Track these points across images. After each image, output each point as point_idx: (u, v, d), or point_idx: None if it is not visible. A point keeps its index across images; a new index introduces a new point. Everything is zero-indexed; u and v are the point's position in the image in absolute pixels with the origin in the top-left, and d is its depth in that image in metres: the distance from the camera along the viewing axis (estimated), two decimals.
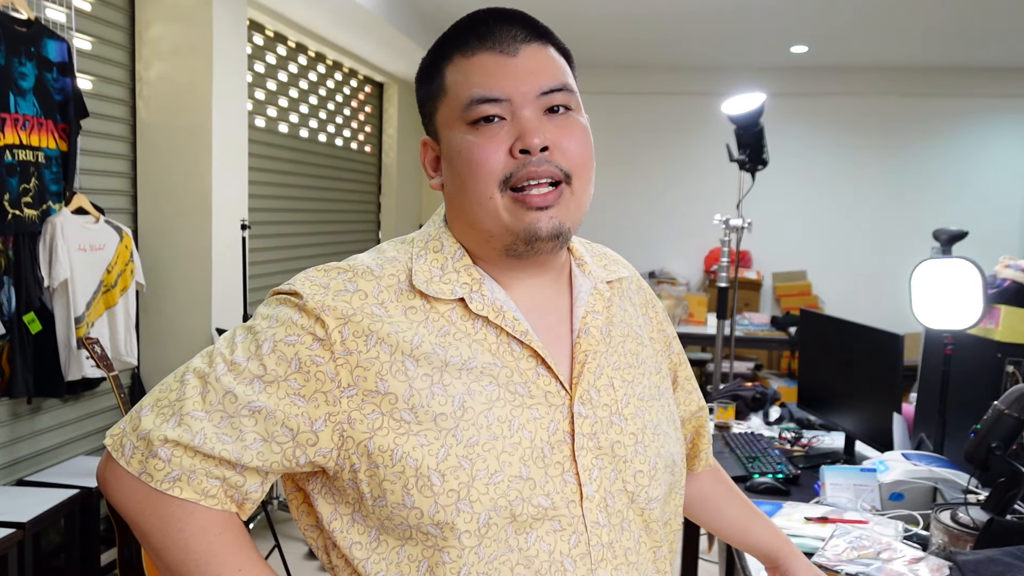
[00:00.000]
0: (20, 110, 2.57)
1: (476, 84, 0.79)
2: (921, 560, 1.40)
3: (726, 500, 1.14)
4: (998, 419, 1.42)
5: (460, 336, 0.81)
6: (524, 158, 0.78)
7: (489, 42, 0.80)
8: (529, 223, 0.79)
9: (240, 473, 0.77)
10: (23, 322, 2.61)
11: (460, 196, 0.82)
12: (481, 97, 0.79)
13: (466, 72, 0.80)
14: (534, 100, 0.80)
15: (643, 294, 1.01)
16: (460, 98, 0.80)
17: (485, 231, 0.82)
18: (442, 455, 0.76)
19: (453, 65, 0.82)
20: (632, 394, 0.88)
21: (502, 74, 0.79)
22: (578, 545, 0.80)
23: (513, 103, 0.79)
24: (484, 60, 0.80)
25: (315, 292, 0.79)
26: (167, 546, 0.77)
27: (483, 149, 0.79)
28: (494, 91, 0.79)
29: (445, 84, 0.83)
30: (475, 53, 0.81)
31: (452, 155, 0.82)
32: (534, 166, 0.78)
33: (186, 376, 0.79)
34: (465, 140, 0.80)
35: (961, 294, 1.93)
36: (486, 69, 0.80)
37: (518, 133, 0.79)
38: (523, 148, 0.78)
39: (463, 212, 0.83)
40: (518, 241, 0.80)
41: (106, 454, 0.80)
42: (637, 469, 0.85)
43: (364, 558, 0.79)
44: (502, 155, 0.79)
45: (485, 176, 0.79)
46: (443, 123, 0.84)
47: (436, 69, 0.84)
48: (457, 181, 0.82)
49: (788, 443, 2.42)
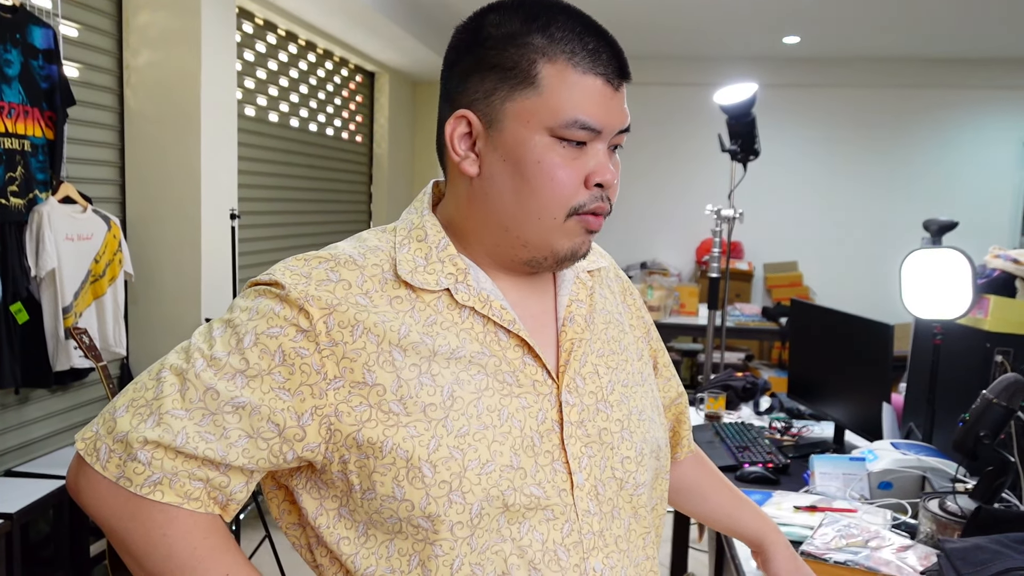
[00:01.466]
0: (5, 98, 2.54)
1: (583, 109, 0.78)
2: (909, 548, 1.40)
3: (710, 487, 1.14)
4: (986, 408, 1.43)
5: (447, 326, 0.80)
6: (597, 191, 0.80)
7: (600, 67, 0.78)
8: (575, 245, 0.82)
9: (224, 473, 0.75)
10: (10, 312, 2.59)
11: (514, 198, 0.80)
12: (586, 124, 0.78)
13: (573, 88, 0.77)
14: (612, 136, 0.81)
15: (620, 282, 1.01)
16: (561, 110, 0.77)
17: (522, 239, 0.81)
18: (433, 446, 0.75)
19: (556, 68, 0.77)
20: (617, 381, 0.88)
21: (606, 108, 0.79)
22: (571, 534, 0.79)
23: (602, 135, 0.80)
24: (594, 85, 0.78)
25: (297, 282, 0.77)
26: (149, 553, 0.74)
27: (567, 172, 0.79)
28: (599, 123, 0.79)
29: (539, 82, 0.78)
30: (586, 73, 0.78)
31: (525, 157, 0.78)
32: (601, 203, 0.81)
33: (162, 373, 0.76)
34: (549, 152, 0.78)
35: (951, 284, 1.94)
36: (595, 97, 0.78)
37: (595, 167, 0.79)
38: (599, 183, 0.80)
39: (505, 212, 0.80)
40: (550, 258, 0.82)
41: (77, 459, 0.76)
42: (624, 455, 0.85)
43: (352, 553, 0.78)
44: (579, 183, 0.79)
45: (562, 200, 0.79)
46: (518, 115, 0.79)
47: (523, 56, 0.78)
48: (521, 184, 0.79)
49: (778, 433, 2.43)
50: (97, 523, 0.76)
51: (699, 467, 1.16)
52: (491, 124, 0.79)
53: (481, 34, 0.80)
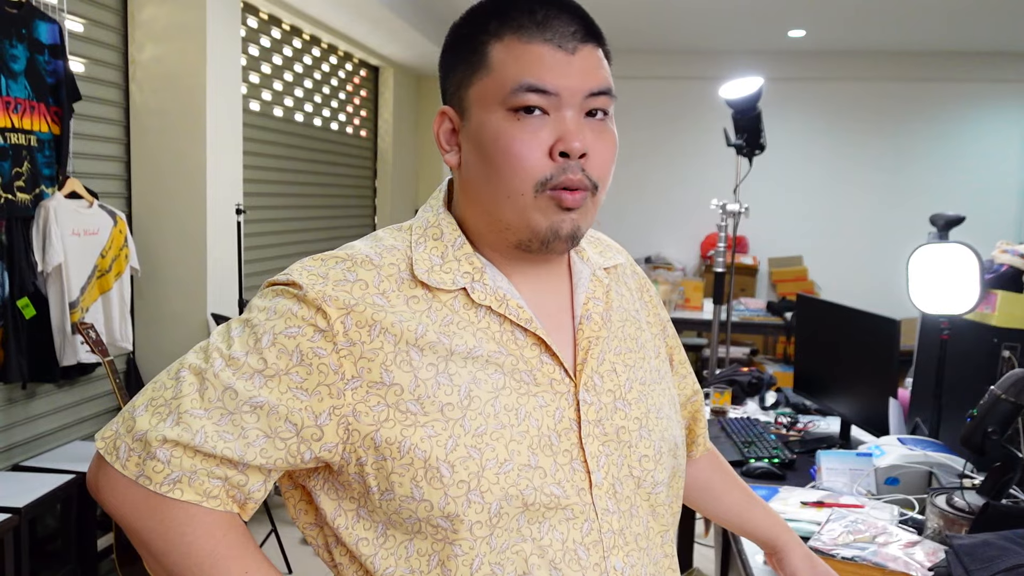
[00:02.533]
0: (12, 93, 2.54)
1: (529, 72, 0.76)
2: (917, 544, 1.40)
3: (725, 486, 1.14)
4: (994, 404, 1.42)
5: (464, 325, 0.79)
6: (563, 162, 0.77)
7: (549, 33, 0.77)
8: (554, 223, 0.78)
9: (242, 472, 0.75)
10: (17, 307, 2.59)
11: (486, 181, 0.80)
12: (532, 86, 0.76)
13: (519, 56, 0.77)
14: (580, 100, 0.78)
15: (637, 278, 1.00)
16: (507, 81, 0.77)
17: (502, 222, 0.80)
18: (451, 445, 0.75)
19: (503, 45, 0.78)
20: (634, 379, 0.87)
21: (558, 68, 0.77)
22: (590, 533, 0.79)
23: (560, 99, 0.77)
24: (542, 50, 0.77)
25: (314, 282, 0.77)
26: (168, 551, 0.74)
27: (525, 144, 0.76)
28: (547, 83, 0.76)
29: (489, 61, 0.78)
30: (532, 40, 0.77)
31: (485, 138, 0.78)
32: (571, 173, 0.77)
33: (181, 373, 0.76)
34: (504, 127, 0.77)
35: (958, 279, 1.93)
36: (543, 60, 0.77)
37: (560, 134, 0.77)
38: (563, 151, 0.77)
39: (484, 196, 0.81)
40: (535, 239, 0.79)
41: (97, 458, 0.76)
42: (642, 454, 0.85)
43: (371, 554, 0.77)
44: (542, 154, 0.77)
45: (523, 173, 0.77)
46: (477, 100, 0.79)
47: (479, 42, 0.79)
48: (486, 167, 0.79)
49: (784, 428, 2.43)
50: (117, 521, 0.76)
51: (714, 466, 1.15)
52: (463, 115, 0.81)
53: (454, 33, 0.83)
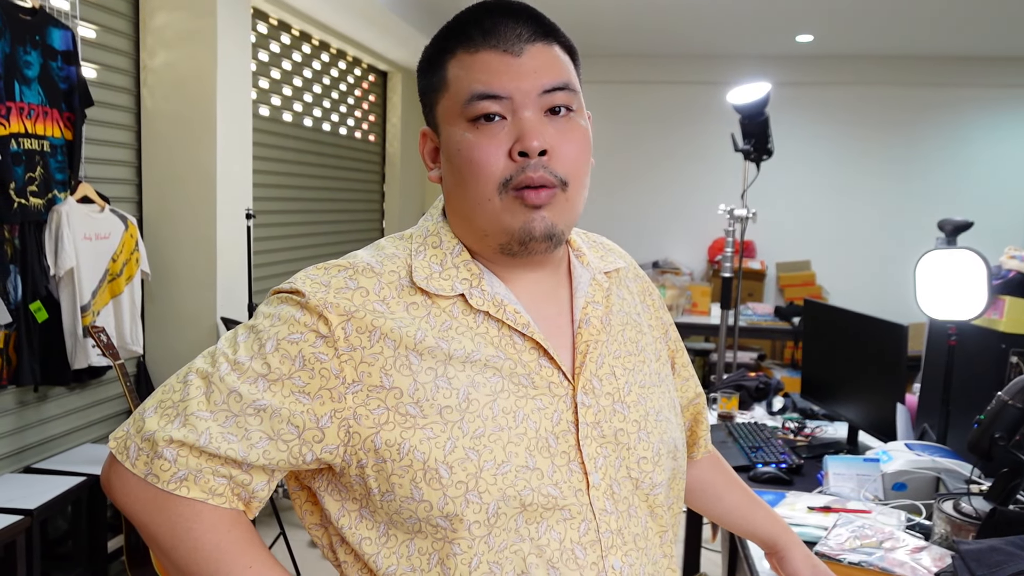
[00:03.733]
0: (25, 99, 2.57)
1: (478, 81, 0.79)
2: (924, 549, 1.40)
3: (726, 488, 1.15)
4: (1002, 409, 1.43)
5: (462, 330, 0.81)
6: (523, 161, 0.78)
7: (494, 39, 0.79)
8: (524, 223, 0.79)
9: (246, 472, 0.77)
10: (30, 311, 2.62)
11: (458, 193, 0.83)
12: (482, 93, 0.78)
13: (468, 68, 0.80)
14: (535, 99, 0.79)
15: (640, 282, 1.01)
16: (461, 93, 0.80)
17: (480, 229, 0.82)
18: (449, 447, 0.76)
19: (456, 60, 0.81)
20: (634, 382, 0.88)
21: (505, 72, 0.79)
22: (588, 533, 0.80)
23: (514, 102, 0.78)
24: (488, 58, 0.79)
25: (316, 290, 0.79)
26: (176, 546, 0.76)
27: (483, 150, 0.79)
28: (495, 88, 0.78)
29: (447, 78, 0.82)
30: (479, 50, 0.80)
31: (451, 151, 0.82)
32: (531, 171, 0.78)
33: (189, 377, 0.79)
34: (465, 138, 0.80)
35: (966, 285, 1.93)
36: (489, 67, 0.79)
37: (518, 134, 0.78)
38: (522, 151, 0.78)
39: (461, 208, 0.84)
40: (512, 241, 0.81)
41: (110, 457, 0.79)
42: (641, 456, 0.86)
43: (374, 553, 0.79)
44: (501, 157, 0.78)
45: (485, 178, 0.79)
46: (443, 117, 0.83)
47: (438, 62, 0.83)
48: (456, 178, 0.82)
49: (791, 433, 2.43)
50: (128, 517, 0.79)
51: (715, 468, 1.16)
52: (438, 134, 0.85)
53: (423, 56, 0.86)
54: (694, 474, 1.13)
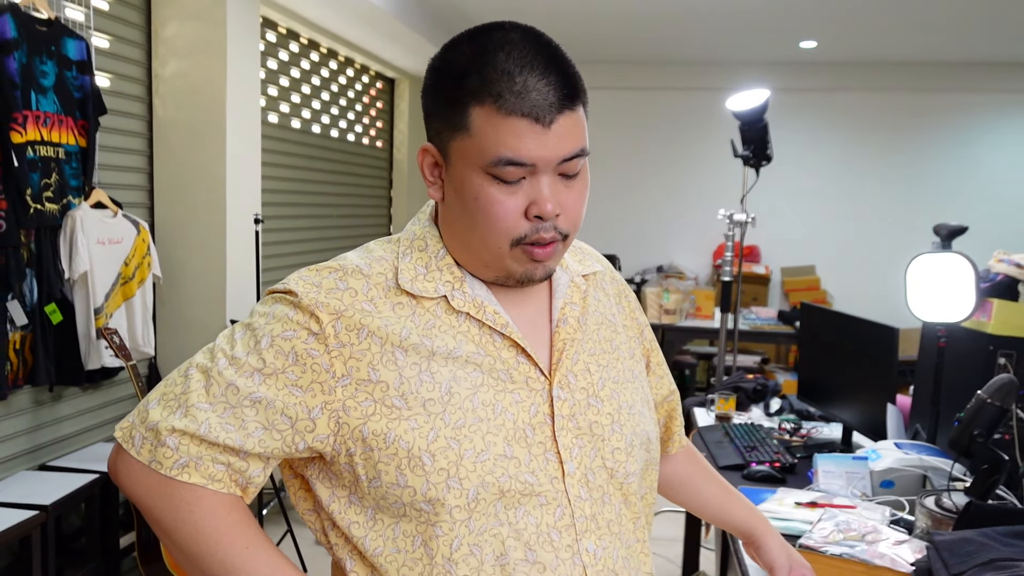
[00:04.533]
0: (41, 107, 2.65)
1: (507, 146, 0.80)
2: (904, 542, 1.45)
3: (703, 481, 1.21)
4: (981, 408, 1.48)
5: (445, 329, 0.87)
6: (537, 222, 0.83)
7: (526, 105, 0.79)
8: (527, 270, 0.86)
9: (243, 459, 0.83)
10: (45, 313, 2.69)
11: (466, 229, 0.86)
12: (510, 160, 0.81)
13: (497, 127, 0.80)
14: (554, 167, 0.83)
15: (616, 285, 1.07)
16: (488, 151, 0.81)
17: (481, 261, 0.88)
18: (431, 437, 0.82)
19: (483, 111, 0.81)
20: (607, 378, 0.94)
21: (533, 142, 0.80)
22: (563, 518, 0.86)
23: (536, 168, 0.82)
24: (519, 125, 0.80)
25: (308, 290, 0.85)
26: (178, 528, 0.82)
27: (502, 207, 0.82)
28: (523, 157, 0.81)
29: (470, 125, 0.82)
30: (510, 114, 0.80)
31: (467, 194, 0.84)
32: (544, 232, 0.83)
33: (189, 371, 0.85)
34: (484, 189, 0.82)
35: (955, 288, 1.98)
36: (519, 134, 0.80)
37: (533, 198, 0.82)
38: (538, 215, 0.83)
39: (462, 236, 0.88)
40: (510, 279, 0.88)
41: (116, 446, 0.85)
42: (615, 446, 0.92)
43: (362, 536, 0.85)
44: (518, 215, 0.83)
45: (499, 232, 0.83)
46: (458, 155, 0.84)
47: (458, 100, 0.82)
48: (467, 218, 0.85)
49: (787, 434, 2.47)
50: (133, 502, 0.85)
51: (692, 462, 1.22)
52: (445, 159, 0.86)
53: (434, 75, 0.86)
54: (672, 469, 1.19)
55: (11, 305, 2.56)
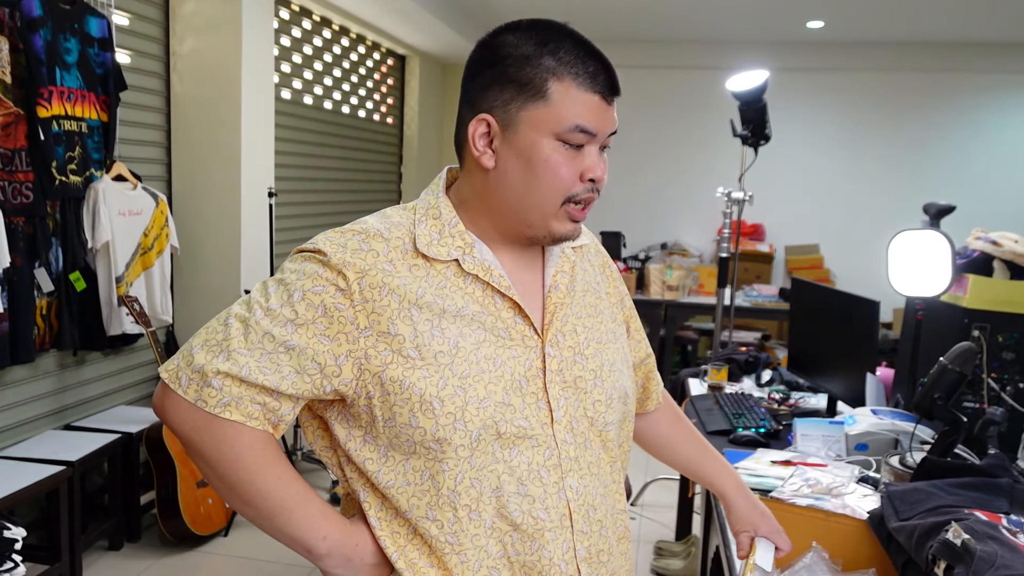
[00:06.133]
0: (65, 83, 2.77)
1: (584, 117, 0.95)
2: (868, 496, 1.57)
3: (683, 440, 1.33)
4: (942, 373, 1.58)
5: (454, 289, 0.99)
6: (590, 185, 0.98)
7: (599, 87, 0.96)
8: (568, 231, 1.00)
9: (277, 399, 0.94)
10: (69, 280, 2.83)
11: (522, 189, 0.98)
12: (584, 128, 0.96)
13: (577, 101, 0.95)
14: (603, 139, 0.99)
15: (600, 256, 1.20)
16: (565, 118, 0.95)
17: (526, 221, 1.00)
18: (441, 385, 0.94)
19: (562, 85, 0.95)
20: (591, 338, 1.07)
21: (600, 116, 0.97)
22: (551, 458, 0.99)
23: (596, 138, 0.98)
24: (594, 101, 0.96)
25: (336, 251, 0.96)
26: (219, 459, 0.94)
27: (568, 168, 0.97)
28: (593, 127, 0.96)
29: (548, 95, 0.95)
30: (588, 90, 0.96)
31: (533, 156, 0.96)
32: (590, 194, 0.99)
33: (229, 320, 0.96)
34: (555, 153, 0.96)
35: (933, 263, 2.08)
36: (594, 108, 0.96)
37: (589, 164, 0.97)
38: (592, 178, 0.98)
39: (511, 199, 0.99)
40: (547, 238, 1.01)
41: (162, 385, 0.96)
42: (596, 399, 1.04)
43: (376, 470, 0.98)
44: (575, 177, 0.97)
45: (559, 190, 0.97)
46: (531, 123, 0.96)
47: (536, 75, 0.95)
48: (527, 177, 0.97)
49: (776, 403, 2.58)
50: (177, 436, 0.97)
51: (674, 423, 1.34)
52: (507, 127, 0.97)
53: (501, 52, 0.97)
54: (653, 427, 1.32)
55: (38, 272, 2.70)
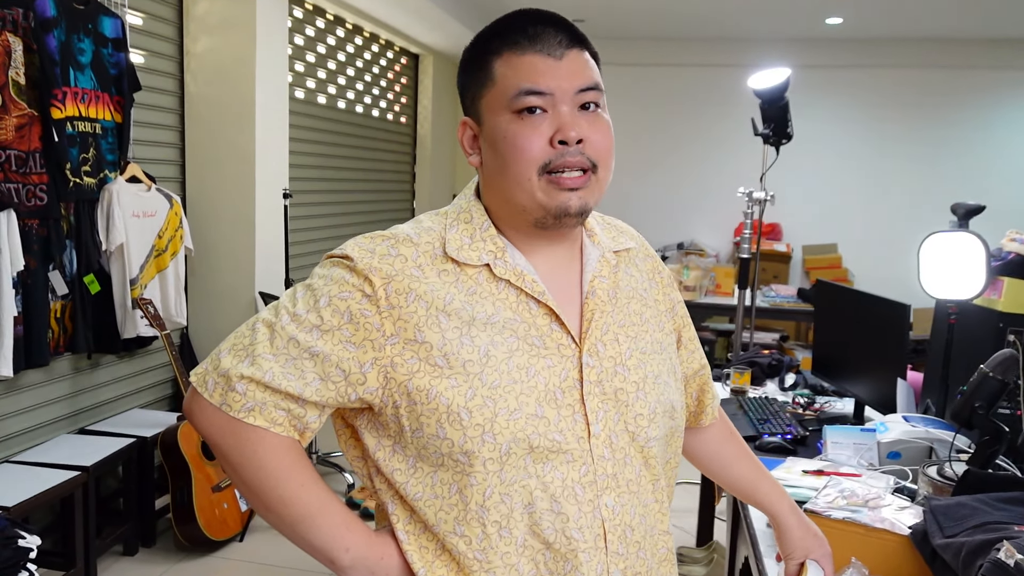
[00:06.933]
0: (79, 84, 2.74)
1: (525, 79, 0.91)
2: (906, 508, 1.51)
3: (736, 459, 1.27)
4: (982, 381, 1.53)
5: (485, 295, 0.94)
6: (562, 148, 0.91)
7: (539, 45, 0.92)
8: (561, 201, 0.92)
9: (302, 406, 0.91)
10: (84, 283, 2.81)
11: (500, 174, 0.94)
12: (529, 89, 0.91)
13: (516, 67, 0.92)
14: (572, 97, 0.92)
15: (650, 261, 1.13)
16: (509, 89, 0.92)
17: (519, 206, 0.95)
18: (469, 395, 0.90)
19: (502, 60, 0.93)
20: (635, 348, 1.01)
21: (548, 72, 0.91)
22: (587, 474, 0.94)
23: (555, 98, 0.91)
24: (534, 60, 0.92)
25: (363, 256, 0.93)
26: (243, 464, 0.92)
27: (527, 138, 0.91)
28: (540, 86, 0.91)
29: (493, 75, 0.93)
30: (525, 52, 0.92)
31: (496, 138, 0.93)
32: (570, 156, 0.91)
33: (256, 325, 0.94)
34: (511, 126, 0.92)
35: (966, 266, 2.02)
36: (535, 67, 0.92)
37: (558, 126, 0.91)
38: (562, 139, 0.91)
39: (500, 188, 0.95)
40: (548, 216, 0.94)
41: (191, 389, 0.95)
42: (638, 412, 0.98)
43: (404, 482, 0.94)
44: (543, 144, 0.91)
45: (527, 161, 0.91)
46: (488, 109, 0.94)
47: (484, 61, 0.94)
48: (499, 161, 0.94)
49: (801, 407, 2.53)
50: (204, 439, 0.95)
51: (728, 440, 1.27)
52: (479, 123, 0.96)
53: (464, 57, 0.99)
54: (706, 442, 1.25)
55: (52, 275, 2.67)
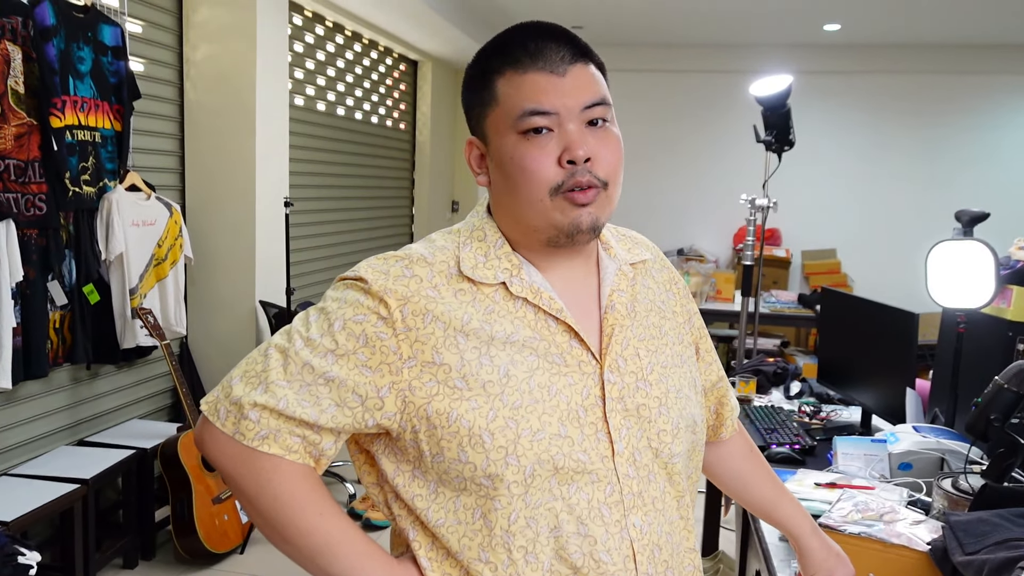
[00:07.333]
0: (79, 92, 2.72)
1: (529, 99, 0.89)
2: (921, 523, 1.50)
3: (756, 477, 1.24)
4: (997, 393, 1.51)
5: (503, 314, 0.92)
6: (571, 168, 0.89)
7: (540, 61, 0.89)
8: (573, 219, 0.90)
9: (317, 432, 0.89)
10: (83, 293, 2.78)
11: (510, 195, 0.92)
12: (533, 110, 0.89)
13: (518, 87, 0.90)
14: (578, 114, 0.90)
15: (666, 272, 1.11)
16: (513, 109, 0.90)
17: (531, 226, 0.93)
18: (491, 417, 0.88)
19: (505, 79, 0.91)
20: (656, 362, 0.99)
21: (553, 91, 0.89)
22: (612, 494, 0.92)
23: (560, 116, 0.89)
24: (536, 78, 0.89)
25: (378, 277, 0.91)
26: (258, 494, 0.89)
27: (535, 159, 0.89)
28: (544, 105, 0.89)
29: (497, 95, 0.91)
30: (527, 71, 0.90)
31: (503, 159, 0.91)
32: (579, 176, 0.89)
33: (269, 351, 0.91)
34: (517, 148, 0.90)
35: (974, 274, 2.00)
36: (538, 86, 0.89)
37: (565, 144, 0.89)
38: (570, 159, 0.89)
39: (511, 208, 0.94)
40: (560, 234, 0.92)
41: (203, 418, 0.92)
42: (661, 428, 0.96)
43: (425, 508, 0.91)
44: (552, 164, 0.89)
45: (537, 183, 0.89)
46: (493, 129, 0.93)
47: (486, 80, 0.92)
48: (508, 182, 0.92)
49: (807, 416, 2.51)
50: (218, 470, 0.92)
51: (748, 456, 1.25)
52: (486, 143, 0.95)
53: (466, 75, 0.97)
54: (725, 459, 1.23)
55: (51, 285, 2.64)
